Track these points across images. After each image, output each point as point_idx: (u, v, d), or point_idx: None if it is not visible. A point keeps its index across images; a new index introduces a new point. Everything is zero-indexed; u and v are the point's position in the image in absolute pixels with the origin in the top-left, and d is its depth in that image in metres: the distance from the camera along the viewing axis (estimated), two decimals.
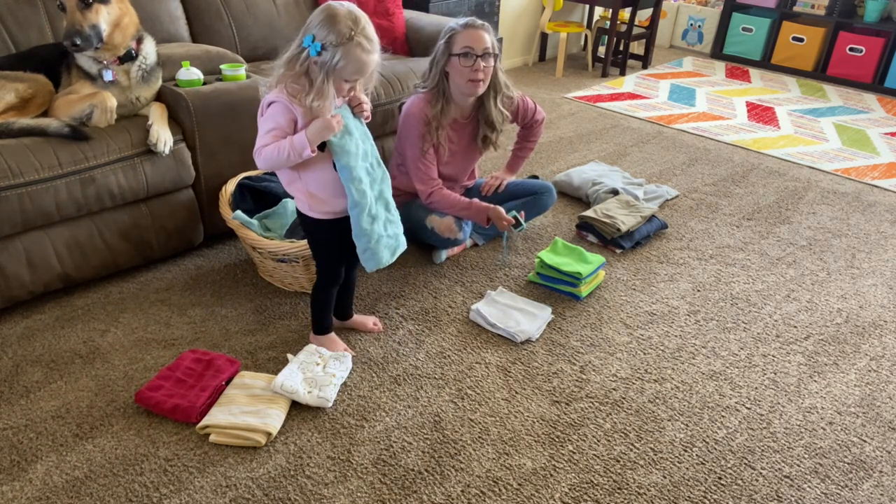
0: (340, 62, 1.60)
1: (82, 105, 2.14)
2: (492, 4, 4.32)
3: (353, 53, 1.60)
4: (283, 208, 2.36)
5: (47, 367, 1.99)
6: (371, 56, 1.64)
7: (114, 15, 2.13)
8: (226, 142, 2.41)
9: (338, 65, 1.60)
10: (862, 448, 1.83)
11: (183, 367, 1.93)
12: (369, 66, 1.65)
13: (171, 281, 2.41)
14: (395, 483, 1.67)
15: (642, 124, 4.15)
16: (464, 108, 2.43)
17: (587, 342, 2.20)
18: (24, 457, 1.70)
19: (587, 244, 2.76)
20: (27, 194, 2.00)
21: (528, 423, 1.87)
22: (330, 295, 2.00)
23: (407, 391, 1.96)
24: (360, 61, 1.61)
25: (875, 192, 3.38)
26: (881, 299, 2.49)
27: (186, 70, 2.35)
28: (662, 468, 1.74)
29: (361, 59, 1.61)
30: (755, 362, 2.14)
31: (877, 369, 2.13)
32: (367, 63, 1.64)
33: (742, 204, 3.17)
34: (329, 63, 1.61)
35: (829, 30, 5.11)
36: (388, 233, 1.85)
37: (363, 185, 1.75)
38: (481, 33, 2.27)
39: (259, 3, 3.08)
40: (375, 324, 2.20)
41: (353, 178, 1.73)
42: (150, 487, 1.63)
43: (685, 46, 5.95)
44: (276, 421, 1.78)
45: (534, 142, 2.75)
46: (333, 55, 1.60)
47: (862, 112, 4.55)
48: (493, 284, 2.47)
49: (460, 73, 2.28)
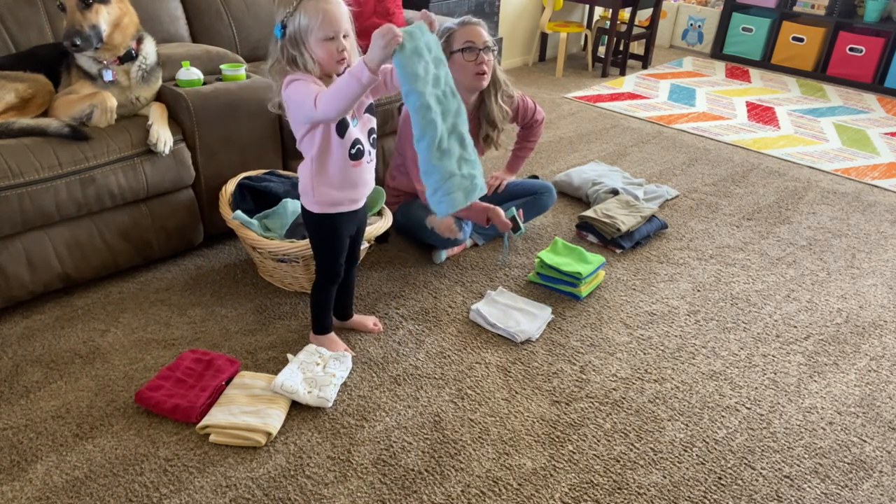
0: (303, 22, 1.58)
1: (82, 105, 2.14)
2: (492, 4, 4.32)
3: (310, 8, 1.57)
4: (283, 208, 2.36)
5: (47, 367, 1.99)
6: (332, 6, 1.59)
7: (114, 15, 2.13)
8: (226, 142, 2.41)
9: (303, 28, 1.58)
10: (862, 448, 1.83)
11: (183, 367, 1.93)
12: (333, 13, 1.59)
13: (171, 281, 2.41)
14: (395, 483, 1.67)
15: (642, 124, 4.15)
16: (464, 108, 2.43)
17: (587, 342, 2.20)
18: (24, 457, 1.70)
19: (587, 244, 2.76)
20: (27, 194, 2.00)
21: (528, 423, 1.87)
22: (329, 294, 2.00)
23: (407, 391, 1.96)
24: (322, 12, 1.57)
25: (875, 192, 3.38)
26: (881, 299, 2.49)
27: (186, 70, 2.35)
28: (662, 468, 1.74)
29: (322, 8, 1.57)
30: (755, 362, 2.14)
31: (877, 369, 2.13)
32: (332, 12, 1.58)
33: (742, 204, 3.17)
34: (296, 32, 1.59)
35: (829, 30, 5.11)
36: (462, 172, 1.58)
37: (432, 113, 1.52)
38: (479, 29, 2.28)
39: (259, 3, 3.08)
40: (375, 324, 2.20)
41: (421, 105, 1.50)
42: (150, 487, 1.63)
43: (685, 46, 5.95)
44: (276, 421, 1.78)
45: (534, 142, 2.75)
46: (296, 23, 1.58)
47: (862, 112, 4.55)
48: (493, 284, 2.47)
49: (464, 68, 2.28)
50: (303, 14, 1.58)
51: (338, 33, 1.61)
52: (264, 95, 2.44)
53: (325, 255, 1.93)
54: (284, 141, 2.61)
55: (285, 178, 2.48)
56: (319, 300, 2.01)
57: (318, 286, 1.98)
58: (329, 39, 1.61)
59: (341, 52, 1.63)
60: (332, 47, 1.62)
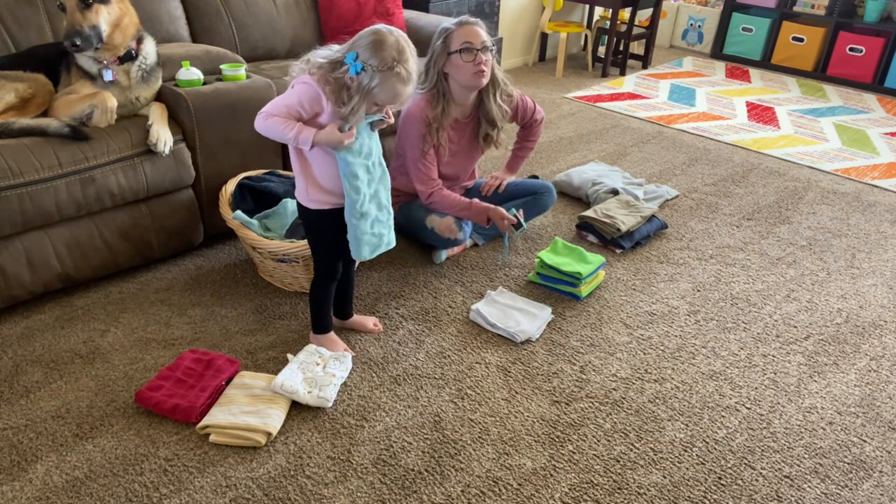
0: (377, 87, 1.63)
1: (82, 105, 2.14)
2: (492, 4, 4.32)
3: (391, 82, 1.63)
4: (283, 208, 2.36)
5: (47, 367, 1.99)
6: (407, 88, 1.67)
7: (114, 15, 2.13)
8: (226, 142, 2.41)
9: (374, 89, 1.63)
10: (862, 448, 1.83)
11: (183, 367, 1.93)
12: (402, 96, 1.68)
13: (171, 281, 2.41)
14: (395, 483, 1.67)
15: (642, 124, 4.15)
16: (464, 108, 2.43)
17: (587, 342, 2.20)
18: (24, 457, 1.70)
19: (587, 244, 2.76)
20: (27, 194, 2.00)
21: (528, 423, 1.87)
22: (328, 292, 2.01)
23: (407, 391, 1.96)
24: (395, 91, 1.65)
25: (875, 192, 3.38)
26: (881, 299, 2.49)
27: (186, 70, 2.35)
28: (662, 468, 1.74)
29: (397, 89, 1.64)
30: (755, 362, 2.14)
31: (877, 369, 2.13)
32: (402, 94, 1.67)
33: (742, 204, 3.17)
34: (366, 85, 1.63)
35: (829, 30, 5.12)
36: (372, 231, 1.85)
37: (358, 181, 1.76)
38: (476, 29, 2.28)
39: (259, 3, 3.08)
40: (375, 324, 2.20)
41: (349, 173, 1.75)
42: (150, 487, 1.63)
43: (685, 46, 5.95)
44: (276, 421, 1.78)
45: (533, 141, 2.75)
46: (372, 79, 1.62)
47: (862, 112, 4.55)
48: (493, 284, 2.47)
49: (462, 68, 2.28)
50: (383, 83, 1.62)
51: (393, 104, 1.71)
52: (264, 95, 2.45)
53: (321, 251, 1.94)
54: None
55: (285, 178, 2.48)
56: (318, 298, 2.01)
57: (317, 284, 1.99)
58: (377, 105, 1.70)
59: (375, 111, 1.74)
60: (376, 108, 1.72)
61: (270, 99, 2.50)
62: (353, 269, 2.13)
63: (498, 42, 4.13)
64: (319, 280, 1.98)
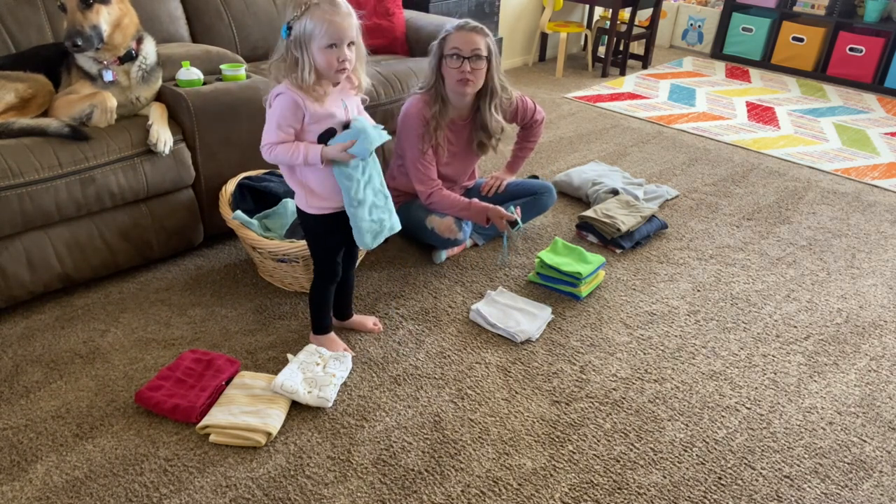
0: (308, 27, 1.60)
1: (82, 105, 2.14)
2: (492, 4, 4.32)
3: (317, 15, 1.59)
4: (283, 208, 2.36)
5: (47, 367, 1.99)
6: (338, 17, 1.60)
7: (114, 15, 2.13)
8: (226, 142, 2.41)
9: (308, 32, 1.60)
10: (862, 448, 1.83)
11: (183, 367, 1.93)
12: (339, 24, 1.61)
13: (171, 281, 2.41)
14: (395, 483, 1.67)
15: (642, 124, 4.15)
16: (461, 110, 2.43)
17: (587, 342, 2.20)
18: (24, 457, 1.70)
19: (587, 244, 2.76)
20: (27, 194, 2.00)
21: (528, 423, 1.87)
22: (328, 293, 2.00)
23: (407, 391, 1.96)
24: (325, 20, 1.59)
25: (875, 192, 3.38)
26: (881, 299, 2.49)
27: (186, 70, 2.35)
28: (662, 468, 1.74)
29: (327, 19, 1.59)
30: (755, 362, 2.14)
31: (877, 369, 2.13)
32: (335, 22, 1.60)
33: (742, 204, 3.17)
34: (301, 35, 1.61)
35: (829, 30, 5.11)
36: (371, 217, 1.82)
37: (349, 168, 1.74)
38: (472, 36, 2.26)
39: (259, 3, 3.08)
40: (375, 324, 2.20)
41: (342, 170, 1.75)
42: (150, 487, 1.63)
43: (685, 46, 5.95)
44: (276, 421, 1.78)
45: (534, 142, 2.75)
46: (301, 26, 1.60)
47: (862, 112, 4.55)
48: (493, 284, 2.47)
49: (449, 73, 2.28)
50: (309, 19, 1.60)
51: (341, 42, 1.62)
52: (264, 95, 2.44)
53: (320, 254, 1.94)
54: None
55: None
56: (318, 300, 2.01)
57: (316, 285, 1.99)
58: (331, 47, 1.62)
59: (342, 62, 1.64)
60: (333, 56, 1.63)
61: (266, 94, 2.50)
62: (354, 270, 2.13)
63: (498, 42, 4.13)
64: (319, 282, 1.98)
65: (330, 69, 1.65)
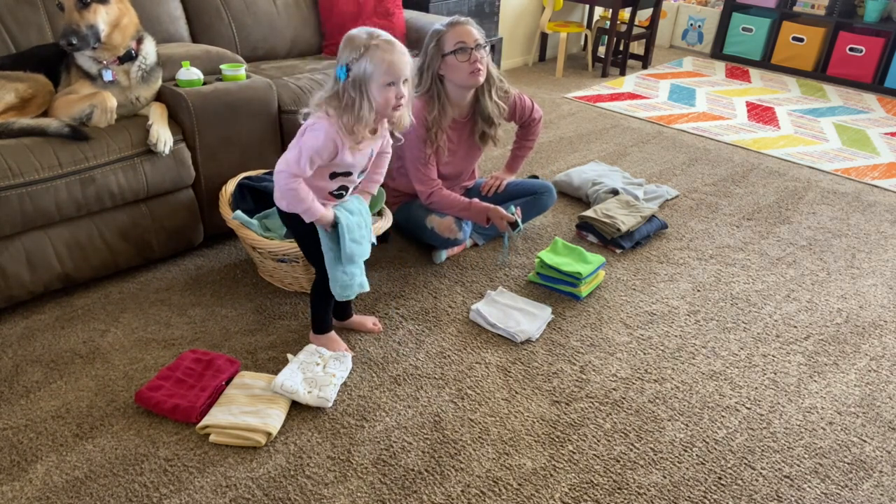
0: (368, 69, 1.66)
1: (82, 105, 2.14)
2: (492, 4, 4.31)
3: (376, 56, 1.65)
4: None
5: (47, 367, 1.99)
6: (395, 55, 1.67)
7: (112, 15, 2.13)
8: (226, 142, 2.41)
9: (367, 72, 1.66)
10: (862, 448, 1.83)
11: (183, 367, 1.93)
12: (397, 64, 1.67)
13: (171, 281, 2.41)
14: (395, 483, 1.67)
15: (642, 124, 4.15)
16: (462, 108, 2.43)
17: (587, 342, 2.20)
18: (24, 457, 1.70)
19: (587, 244, 2.76)
20: (27, 194, 2.00)
21: (528, 423, 1.87)
22: (326, 292, 2.00)
23: (407, 391, 1.96)
24: (385, 61, 1.66)
25: (875, 192, 3.38)
26: (881, 299, 2.49)
27: (186, 70, 2.35)
28: (662, 468, 1.74)
29: (385, 58, 1.66)
30: (755, 362, 2.14)
31: (877, 369, 2.13)
32: (394, 62, 1.67)
33: (742, 204, 3.17)
34: (360, 75, 1.67)
35: (829, 30, 5.12)
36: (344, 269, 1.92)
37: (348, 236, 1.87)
38: (469, 28, 2.28)
39: (259, 3, 3.08)
40: (375, 324, 2.20)
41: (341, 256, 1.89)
42: (150, 487, 1.63)
43: (685, 46, 5.95)
44: (276, 421, 1.78)
45: (532, 140, 2.74)
46: (360, 67, 1.66)
47: (862, 112, 4.55)
48: (493, 284, 2.47)
49: (458, 69, 2.27)
50: (369, 61, 1.66)
51: (398, 79, 1.69)
52: (264, 95, 2.45)
53: (311, 255, 1.95)
54: (284, 141, 2.61)
55: None
56: (318, 300, 2.01)
57: (317, 286, 1.99)
58: (389, 85, 1.69)
59: (399, 99, 1.72)
60: (391, 93, 1.70)
61: (270, 99, 2.52)
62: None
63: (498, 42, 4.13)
64: (320, 282, 1.98)
65: (387, 106, 1.72)
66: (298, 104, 2.59)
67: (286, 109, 2.57)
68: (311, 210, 1.79)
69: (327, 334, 2.06)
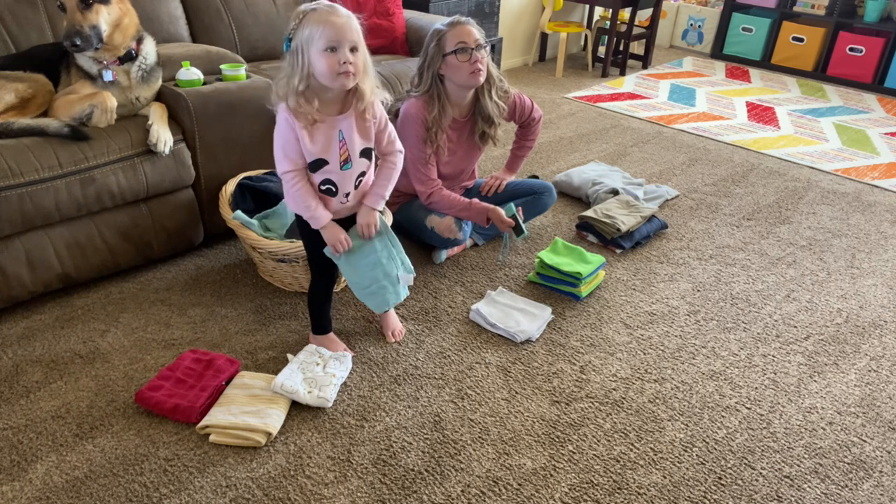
0: (305, 34, 1.59)
1: (82, 105, 2.14)
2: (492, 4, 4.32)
3: (312, 19, 1.58)
4: (283, 208, 2.36)
5: (47, 367, 1.99)
6: (335, 17, 1.58)
7: (114, 15, 2.13)
8: (226, 142, 2.41)
9: (306, 38, 1.59)
10: (862, 448, 1.83)
11: (183, 367, 1.93)
12: (336, 25, 1.58)
13: (171, 281, 2.41)
14: (395, 483, 1.67)
15: (642, 124, 4.15)
16: (462, 107, 2.43)
17: (587, 342, 2.20)
18: (24, 457, 1.70)
19: (587, 244, 2.76)
20: (27, 194, 2.00)
21: (528, 423, 1.87)
22: (325, 293, 2.01)
23: (407, 391, 1.96)
24: (325, 22, 1.57)
25: (875, 192, 3.38)
26: (881, 299, 2.49)
27: (186, 70, 2.35)
28: (662, 468, 1.74)
29: (326, 20, 1.57)
30: (755, 362, 2.14)
31: (877, 369, 2.13)
32: (334, 24, 1.58)
33: (742, 204, 3.17)
34: (301, 43, 1.60)
35: (829, 30, 5.12)
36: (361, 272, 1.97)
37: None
38: (470, 28, 2.28)
39: (259, 3, 3.08)
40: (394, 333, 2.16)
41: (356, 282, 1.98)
42: (150, 487, 1.63)
43: (685, 46, 5.95)
44: (276, 421, 1.78)
45: (532, 140, 2.75)
46: (301, 34, 1.59)
47: (862, 112, 4.55)
48: (493, 284, 2.47)
49: (459, 69, 2.28)
50: (306, 25, 1.59)
51: (340, 44, 1.59)
52: (264, 95, 2.45)
53: (315, 253, 1.95)
54: None
55: None
56: (315, 299, 2.01)
57: (313, 286, 2.00)
58: (329, 51, 1.59)
59: (344, 65, 1.60)
60: (334, 59, 1.59)
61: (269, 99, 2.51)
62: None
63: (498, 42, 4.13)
64: (315, 282, 1.99)
65: (331, 73, 1.60)
66: None
67: None
68: (315, 217, 1.79)
69: (326, 335, 2.06)
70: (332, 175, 1.79)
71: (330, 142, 1.73)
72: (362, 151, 1.82)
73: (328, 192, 1.82)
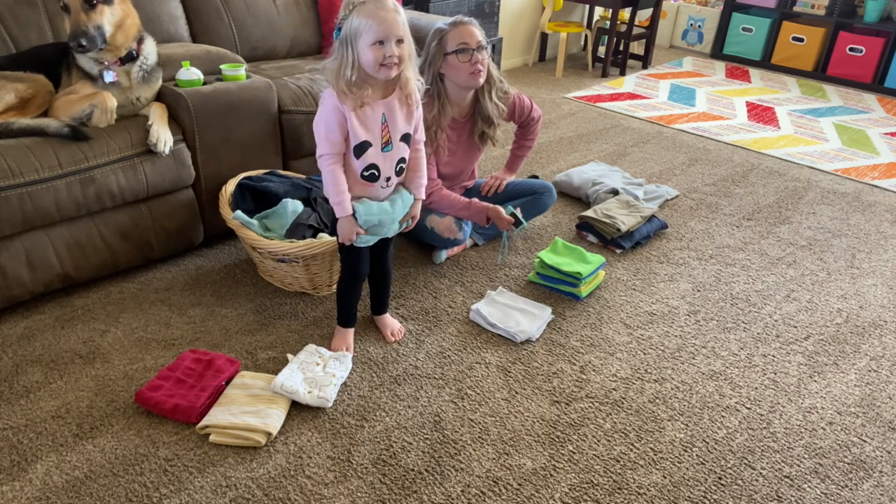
0: (355, 24, 1.62)
1: (82, 105, 2.14)
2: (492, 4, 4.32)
3: (363, 12, 1.61)
4: (283, 208, 2.36)
5: (47, 367, 1.99)
6: (384, 12, 1.62)
7: (117, 16, 2.13)
8: (226, 142, 2.41)
9: (355, 30, 1.62)
10: (862, 448, 1.83)
11: (183, 367, 1.93)
12: (388, 21, 1.62)
13: (171, 281, 2.41)
14: (395, 483, 1.67)
15: (642, 124, 4.15)
16: (462, 107, 2.44)
17: (587, 342, 2.20)
18: (24, 457, 1.70)
19: (587, 244, 2.76)
20: (27, 194, 2.00)
21: (528, 423, 1.87)
22: (350, 288, 2.02)
23: (407, 391, 1.96)
24: (374, 17, 1.61)
25: (875, 192, 3.38)
26: (881, 299, 2.49)
27: (186, 70, 2.35)
28: (662, 468, 1.74)
29: (375, 14, 1.61)
30: (755, 362, 2.14)
31: (877, 369, 2.13)
32: (384, 18, 1.61)
33: (742, 204, 3.17)
34: (349, 33, 1.63)
35: (829, 30, 5.12)
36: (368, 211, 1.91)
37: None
38: (471, 28, 2.28)
39: (259, 3, 3.08)
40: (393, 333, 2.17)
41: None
42: (150, 487, 1.63)
43: (685, 46, 5.95)
44: (276, 421, 1.78)
45: (532, 140, 2.75)
46: (350, 25, 1.63)
47: (862, 112, 4.55)
48: (493, 284, 2.47)
49: (459, 69, 2.28)
50: (356, 17, 1.63)
51: (388, 38, 1.63)
52: (264, 95, 2.45)
53: (344, 251, 1.96)
54: (284, 141, 2.61)
55: (285, 178, 2.48)
56: (340, 292, 2.04)
57: (340, 280, 2.03)
58: (377, 44, 1.63)
59: (389, 58, 1.65)
60: (380, 52, 1.64)
61: (270, 99, 2.53)
62: (388, 263, 2.10)
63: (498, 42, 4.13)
64: (342, 277, 2.03)
65: (375, 64, 1.65)
66: (298, 104, 2.59)
67: (286, 109, 2.57)
68: (340, 204, 1.78)
69: (347, 329, 2.09)
70: (374, 159, 1.80)
71: (374, 124, 1.77)
72: (402, 136, 1.83)
73: (371, 177, 1.82)
